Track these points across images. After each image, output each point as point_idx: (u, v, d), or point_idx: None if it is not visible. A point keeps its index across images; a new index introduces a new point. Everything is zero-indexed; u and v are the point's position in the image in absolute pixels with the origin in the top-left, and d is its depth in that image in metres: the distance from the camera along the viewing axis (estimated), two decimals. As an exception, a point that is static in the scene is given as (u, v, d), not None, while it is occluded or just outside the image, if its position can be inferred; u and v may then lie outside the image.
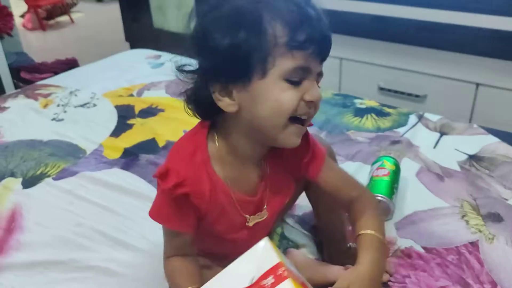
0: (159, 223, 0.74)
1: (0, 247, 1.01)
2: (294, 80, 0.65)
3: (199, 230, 0.75)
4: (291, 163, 0.79)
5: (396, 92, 2.34)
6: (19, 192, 1.18)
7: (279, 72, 0.64)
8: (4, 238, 1.03)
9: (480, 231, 1.01)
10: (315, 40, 0.64)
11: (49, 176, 1.24)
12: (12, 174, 1.25)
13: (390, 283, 0.89)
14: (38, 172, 1.26)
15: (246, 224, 0.78)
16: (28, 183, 1.21)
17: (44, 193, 1.18)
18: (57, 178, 1.23)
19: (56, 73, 2.56)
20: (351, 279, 0.71)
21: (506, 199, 1.11)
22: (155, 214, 0.74)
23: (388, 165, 1.13)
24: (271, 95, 0.65)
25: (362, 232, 0.77)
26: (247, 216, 0.77)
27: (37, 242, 1.02)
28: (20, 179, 1.23)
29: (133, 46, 3.04)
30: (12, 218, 1.09)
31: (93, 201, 1.14)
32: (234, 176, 0.74)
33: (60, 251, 0.99)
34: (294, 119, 0.67)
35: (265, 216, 0.80)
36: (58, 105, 1.63)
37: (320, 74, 0.69)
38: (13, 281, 0.93)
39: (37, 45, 3.88)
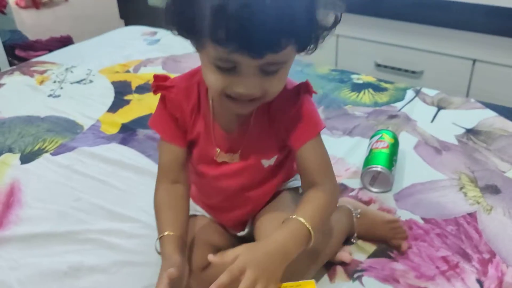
0: (150, 126, 0.81)
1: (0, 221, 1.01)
2: (221, 67, 0.63)
3: None
4: (278, 123, 0.76)
5: (393, 68, 2.33)
6: (17, 168, 1.18)
7: (207, 55, 0.64)
8: (3, 213, 1.03)
9: (478, 203, 1.02)
10: (238, 39, 0.58)
11: (47, 151, 1.24)
12: (10, 150, 1.25)
13: (392, 254, 0.90)
14: (36, 147, 1.25)
15: (215, 158, 0.79)
16: (26, 158, 1.21)
17: (42, 168, 1.17)
18: (55, 153, 1.23)
19: (50, 50, 2.52)
20: (242, 250, 0.66)
21: (504, 172, 1.12)
22: (151, 121, 0.81)
23: (387, 138, 1.13)
24: (204, 69, 0.67)
25: (293, 216, 0.71)
26: (217, 149, 0.79)
27: (36, 217, 1.02)
28: (18, 155, 1.23)
29: (128, 23, 3.00)
30: (11, 193, 1.09)
31: (91, 176, 1.14)
32: (221, 109, 0.76)
33: (59, 225, 0.99)
34: (228, 95, 0.67)
35: (235, 160, 0.80)
36: (54, 82, 1.62)
37: (273, 64, 0.64)
38: (13, 254, 0.93)
39: (31, 23, 3.82)
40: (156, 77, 0.78)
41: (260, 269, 0.63)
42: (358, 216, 0.93)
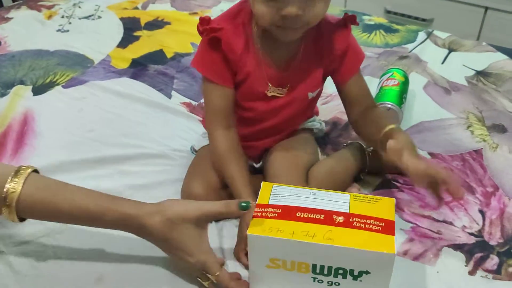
0: (199, 70, 0.80)
1: (14, 149, 1.03)
2: None
3: None
4: (327, 56, 0.81)
5: (403, 15, 2.29)
6: (29, 99, 1.19)
7: None
8: (17, 142, 1.05)
9: (484, 140, 1.04)
10: None
11: (58, 84, 1.24)
12: (22, 82, 1.25)
13: (399, 185, 0.93)
14: (47, 80, 1.26)
15: (266, 92, 0.81)
16: (38, 90, 1.22)
17: (55, 100, 1.18)
18: (67, 86, 1.23)
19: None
20: (401, 137, 0.74)
21: (511, 112, 1.13)
22: (195, 62, 0.80)
23: (398, 76, 1.14)
24: (253, 2, 0.70)
25: (389, 127, 0.78)
26: (269, 83, 0.81)
27: (50, 145, 1.03)
28: (30, 87, 1.23)
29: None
30: (25, 122, 1.10)
31: (103, 108, 1.15)
32: (269, 45, 0.78)
33: (73, 153, 1.00)
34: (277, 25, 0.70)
35: (284, 93, 0.82)
36: (63, 17, 1.60)
37: None
38: None
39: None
40: (202, 20, 0.76)
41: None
42: (371, 154, 0.95)
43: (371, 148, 0.96)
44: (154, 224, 0.66)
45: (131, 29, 1.51)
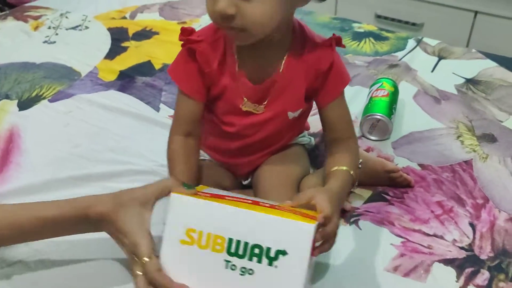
0: (172, 79, 0.80)
1: None
2: None
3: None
4: (310, 75, 0.78)
5: (393, 20, 2.29)
6: (15, 114, 1.17)
7: None
8: (3, 159, 1.03)
9: (474, 151, 1.04)
10: None
11: (44, 98, 1.23)
12: (7, 96, 1.24)
13: (389, 198, 0.92)
14: (33, 94, 1.24)
15: (241, 106, 0.80)
16: (24, 105, 1.20)
17: (41, 115, 1.17)
18: (53, 100, 1.22)
19: (42, -3, 2.46)
20: (318, 189, 0.71)
21: (501, 121, 1.13)
22: (171, 69, 0.80)
23: (387, 86, 1.13)
24: None
25: (336, 168, 0.77)
26: (245, 98, 0.79)
27: (36, 163, 1.01)
28: (16, 101, 1.22)
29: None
30: (10, 139, 1.09)
31: (90, 123, 1.13)
32: (249, 60, 0.76)
33: (59, 171, 0.99)
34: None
35: (261, 111, 0.81)
36: (49, 28, 1.58)
37: None
38: (15, 200, 0.92)
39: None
40: (183, 30, 0.76)
41: (334, 207, 0.66)
42: (360, 166, 0.94)
43: (360, 160, 0.95)
44: (106, 209, 0.66)
45: (118, 39, 1.50)
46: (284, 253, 0.59)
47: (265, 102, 0.80)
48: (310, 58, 0.77)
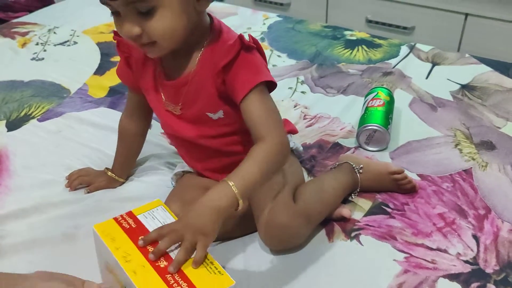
0: (117, 75, 0.92)
1: (-12, 191, 0.98)
2: (111, 11, 0.71)
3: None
4: (218, 75, 0.76)
5: (384, 24, 2.29)
6: (4, 135, 1.14)
7: None
8: (-8, 182, 1.00)
9: (473, 159, 1.02)
10: None
11: (33, 117, 1.20)
12: (-5, 117, 1.21)
13: (390, 210, 0.90)
14: (22, 113, 1.21)
15: (163, 105, 0.84)
16: (13, 125, 1.17)
17: (30, 135, 1.14)
18: (42, 119, 1.19)
19: (30, 11, 2.43)
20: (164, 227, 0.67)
21: (499, 127, 1.11)
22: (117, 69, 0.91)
23: (383, 96, 1.12)
24: None
25: (227, 180, 0.69)
26: (163, 95, 0.83)
27: (26, 186, 0.99)
28: (4, 122, 1.19)
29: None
30: (-1, 161, 1.06)
31: (81, 142, 1.10)
32: (167, 59, 0.80)
33: (50, 195, 0.96)
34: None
35: (177, 111, 0.82)
36: (37, 44, 1.55)
37: (142, 1, 0.66)
38: (5, 225, 0.90)
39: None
40: (116, 32, 0.80)
41: (186, 224, 0.65)
42: (361, 171, 0.93)
43: (361, 166, 0.93)
44: None
45: (107, 54, 1.47)
46: None
47: (181, 103, 0.81)
48: (216, 58, 0.76)
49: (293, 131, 0.99)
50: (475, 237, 0.84)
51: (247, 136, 0.79)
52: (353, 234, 0.86)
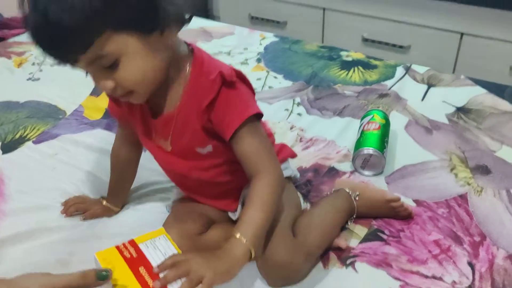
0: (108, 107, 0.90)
1: (-17, 215, 0.98)
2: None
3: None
4: (203, 112, 0.74)
5: (380, 43, 2.30)
6: (-2, 157, 1.14)
7: None
8: (-14, 206, 1.00)
9: (468, 184, 1.02)
10: (38, 42, 0.63)
11: (29, 139, 1.20)
12: (-10, 139, 1.20)
13: (385, 237, 0.90)
14: (17, 135, 1.21)
15: (153, 141, 0.83)
16: (8, 147, 1.17)
17: (25, 158, 1.13)
18: (37, 141, 1.19)
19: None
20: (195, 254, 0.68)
21: (494, 151, 1.12)
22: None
23: (378, 119, 1.12)
24: None
25: (235, 234, 0.70)
26: (153, 133, 0.82)
27: (20, 210, 0.98)
28: (-1, 143, 1.19)
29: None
30: (-6, 185, 1.06)
31: (76, 166, 1.10)
32: (153, 95, 0.76)
33: (45, 220, 0.95)
34: None
35: (168, 146, 0.81)
36: (33, 64, 1.56)
37: (101, 57, 0.65)
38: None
39: (5, -2, 3.69)
40: None
41: (200, 263, 0.65)
42: (357, 198, 0.93)
43: (357, 193, 0.93)
44: None
45: (104, 75, 1.47)
46: None
47: (170, 138, 0.80)
48: (199, 95, 0.74)
49: (292, 155, 0.98)
50: (470, 264, 0.84)
51: (238, 164, 0.78)
52: (348, 262, 0.85)
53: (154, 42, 0.68)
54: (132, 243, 0.70)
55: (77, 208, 0.96)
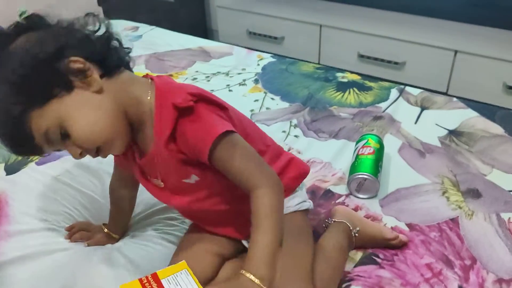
0: None
1: (-12, 236, 1.00)
2: None
3: None
4: (173, 143, 0.74)
5: (376, 59, 2.35)
6: (2, 179, 1.16)
7: None
8: (-9, 227, 1.02)
9: (460, 208, 1.05)
10: None
11: (32, 160, 1.22)
12: (-7, 160, 1.23)
13: (379, 260, 0.93)
14: (20, 157, 1.24)
15: (147, 181, 0.84)
16: (11, 169, 1.20)
17: (29, 180, 1.16)
18: (40, 163, 1.21)
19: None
20: None
21: (485, 175, 1.15)
22: None
23: (373, 143, 1.15)
24: None
25: (242, 271, 0.67)
26: (146, 174, 0.83)
27: (25, 232, 1.01)
28: (3, 165, 1.21)
29: (106, 10, 2.95)
30: (-2, 207, 1.08)
31: (78, 189, 1.12)
32: (135, 138, 0.78)
33: (50, 243, 0.98)
34: None
35: (161, 185, 0.81)
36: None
37: (47, 132, 0.68)
38: (5, 271, 0.92)
39: (3, 10, 3.71)
40: None
41: None
42: (357, 234, 0.95)
43: (358, 229, 0.95)
44: None
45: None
46: None
47: (159, 176, 0.80)
48: (163, 129, 0.73)
49: (306, 171, 0.92)
50: (461, 288, 0.87)
51: (235, 191, 0.76)
52: (344, 285, 0.88)
53: (82, 93, 0.69)
54: (155, 277, 0.69)
55: (81, 236, 0.99)
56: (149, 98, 0.74)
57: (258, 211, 0.69)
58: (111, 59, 0.72)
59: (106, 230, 0.98)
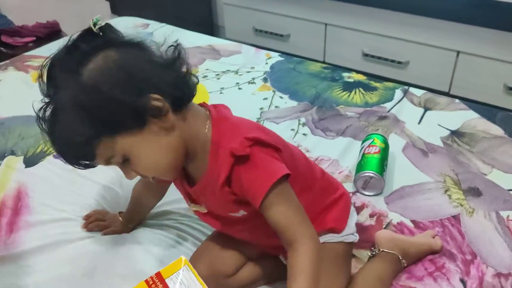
0: None
1: (10, 228, 1.04)
2: None
3: None
4: (229, 183, 0.74)
5: (379, 58, 2.39)
6: (22, 171, 1.21)
7: None
8: (12, 218, 1.06)
9: (461, 205, 1.10)
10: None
11: (49, 154, 1.27)
12: (13, 153, 1.27)
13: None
14: (38, 150, 1.28)
15: (189, 206, 0.86)
16: (30, 161, 1.24)
17: (47, 172, 1.20)
18: (57, 156, 1.24)
19: (37, 36, 2.51)
20: None
21: (485, 174, 1.20)
22: None
23: (378, 143, 1.20)
24: None
25: None
26: (188, 200, 0.86)
27: (46, 222, 1.05)
28: (21, 158, 1.25)
29: (113, 4, 2.98)
30: (18, 198, 1.12)
31: (95, 181, 1.17)
32: (187, 165, 0.79)
33: (69, 233, 1.03)
34: None
35: (205, 211, 0.84)
36: (50, 79, 1.62)
37: (110, 158, 0.71)
38: (27, 260, 0.96)
39: (15, 6, 3.73)
40: None
41: None
42: (405, 265, 0.95)
43: (404, 261, 0.95)
44: None
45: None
46: None
47: (203, 204, 0.83)
48: (218, 168, 0.73)
49: (349, 206, 0.93)
50: (462, 281, 0.92)
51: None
52: (350, 278, 0.93)
53: (154, 130, 0.69)
54: (159, 276, 0.69)
55: (97, 225, 1.03)
56: (206, 131, 0.75)
57: (297, 267, 0.70)
58: (184, 93, 0.72)
59: (121, 219, 1.03)
